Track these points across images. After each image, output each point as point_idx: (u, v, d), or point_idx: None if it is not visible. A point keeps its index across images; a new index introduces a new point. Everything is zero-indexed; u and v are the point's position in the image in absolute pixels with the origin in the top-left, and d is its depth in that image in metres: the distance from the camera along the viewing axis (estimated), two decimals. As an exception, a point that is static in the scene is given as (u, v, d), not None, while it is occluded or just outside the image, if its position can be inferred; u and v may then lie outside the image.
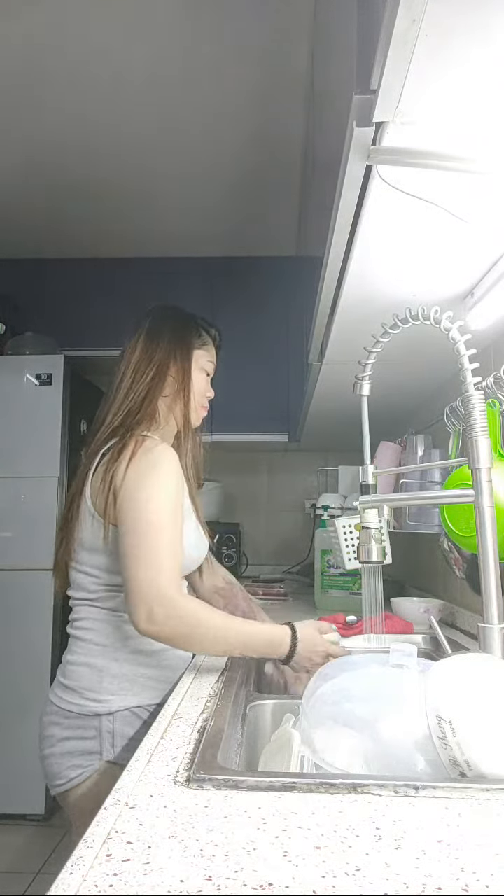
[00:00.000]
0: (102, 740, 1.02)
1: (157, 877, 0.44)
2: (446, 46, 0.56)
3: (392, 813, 0.55)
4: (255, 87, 1.94)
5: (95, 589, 1.09)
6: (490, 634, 0.81)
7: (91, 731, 1.03)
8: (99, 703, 1.04)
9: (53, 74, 1.89)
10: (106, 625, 1.08)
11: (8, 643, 2.52)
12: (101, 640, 1.07)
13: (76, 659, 1.08)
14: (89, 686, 1.05)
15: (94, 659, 1.07)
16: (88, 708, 1.04)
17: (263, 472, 3.33)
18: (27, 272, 3.06)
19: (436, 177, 0.76)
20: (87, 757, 1.02)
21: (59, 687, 1.08)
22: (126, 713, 1.04)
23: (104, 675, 1.05)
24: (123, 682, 1.06)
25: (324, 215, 1.06)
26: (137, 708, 1.05)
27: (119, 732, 1.03)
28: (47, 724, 1.07)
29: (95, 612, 1.09)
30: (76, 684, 1.06)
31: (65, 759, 1.03)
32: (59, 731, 1.04)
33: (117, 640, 1.07)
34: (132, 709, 1.05)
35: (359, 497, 1.06)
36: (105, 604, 1.08)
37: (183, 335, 1.21)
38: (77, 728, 1.03)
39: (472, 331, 0.93)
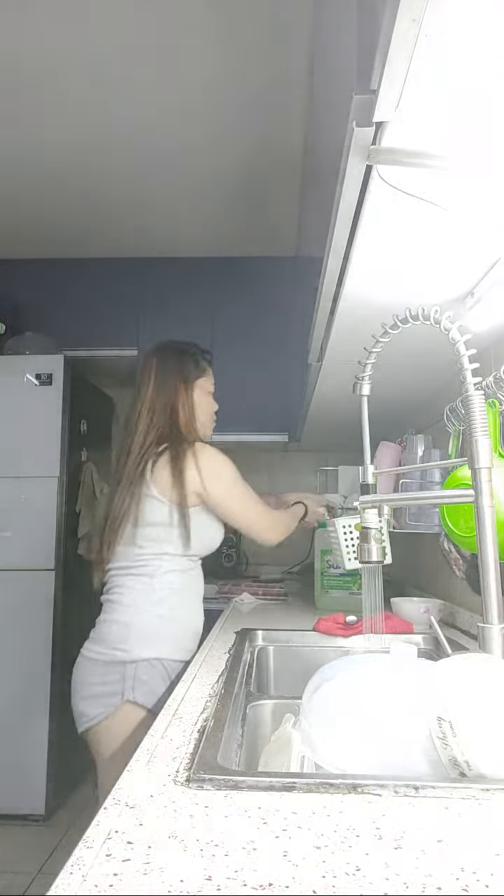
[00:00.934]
0: (125, 683, 1.25)
1: (157, 877, 0.44)
2: (446, 46, 0.56)
3: (392, 813, 0.55)
4: (256, 88, 1.94)
5: (138, 557, 1.36)
6: (490, 634, 0.81)
7: (115, 676, 1.26)
8: (124, 651, 1.27)
9: (55, 76, 1.89)
10: (135, 589, 1.34)
11: (8, 643, 2.52)
12: (130, 602, 1.33)
13: (107, 618, 1.34)
14: (117, 638, 1.29)
15: (124, 616, 1.31)
16: (114, 656, 1.28)
17: (263, 472, 3.33)
18: (27, 272, 3.06)
19: (436, 177, 0.76)
20: (110, 697, 1.25)
21: (90, 641, 1.34)
22: (145, 663, 1.27)
23: (131, 629, 1.30)
24: (146, 636, 1.29)
25: (324, 215, 1.06)
26: (155, 659, 1.28)
27: (139, 678, 1.26)
28: (78, 674, 1.32)
29: (129, 579, 1.35)
30: (106, 637, 1.31)
31: (91, 701, 1.27)
32: (86, 677, 1.29)
33: (145, 601, 1.33)
34: (150, 660, 1.28)
35: (359, 497, 1.06)
36: (140, 570, 1.35)
37: (185, 374, 1.49)
38: (102, 674, 1.27)
39: (471, 331, 0.93)
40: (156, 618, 1.32)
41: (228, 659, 1.19)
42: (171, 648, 1.31)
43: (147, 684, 1.26)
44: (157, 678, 1.27)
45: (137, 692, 1.25)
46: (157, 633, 1.31)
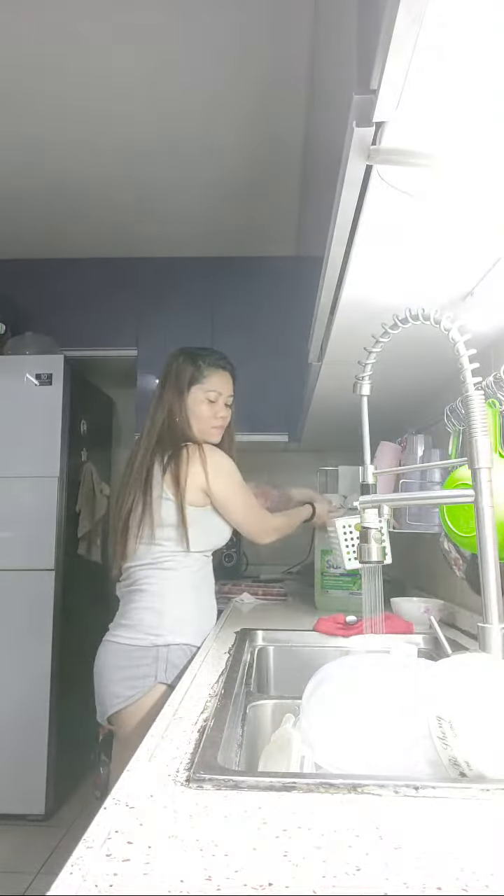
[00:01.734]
0: (158, 665, 1.35)
1: (157, 877, 0.44)
2: (447, 46, 0.56)
3: (392, 813, 0.55)
4: (255, 88, 1.94)
5: (160, 555, 1.45)
6: (490, 634, 0.81)
7: (148, 660, 1.36)
8: (158, 636, 1.37)
9: (55, 76, 1.89)
10: (166, 580, 1.44)
11: (8, 643, 2.52)
12: (160, 591, 1.43)
13: (139, 605, 1.43)
14: (151, 624, 1.39)
15: (155, 604, 1.41)
16: (148, 641, 1.37)
17: (263, 472, 3.33)
18: (27, 272, 3.06)
19: (436, 177, 0.76)
20: (143, 679, 1.34)
21: (120, 629, 1.42)
22: (177, 647, 1.37)
23: (164, 616, 1.40)
24: (178, 623, 1.40)
25: (324, 215, 1.06)
26: (185, 645, 1.38)
27: (172, 661, 1.35)
28: (106, 660, 1.40)
29: (158, 572, 1.44)
30: (139, 624, 1.40)
31: (123, 683, 1.35)
32: (118, 661, 1.38)
33: (175, 591, 1.44)
34: (181, 645, 1.38)
35: (359, 497, 1.06)
36: (165, 565, 1.45)
37: (178, 383, 1.55)
38: (135, 658, 1.36)
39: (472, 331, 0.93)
40: (184, 606, 1.43)
41: (228, 659, 1.19)
42: (196, 635, 1.42)
43: (177, 667, 1.35)
44: (185, 662, 1.35)
45: (169, 674, 1.34)
46: (186, 620, 1.41)
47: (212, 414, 1.56)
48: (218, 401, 1.56)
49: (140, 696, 1.34)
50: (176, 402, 1.53)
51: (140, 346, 2.97)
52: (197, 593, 1.48)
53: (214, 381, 1.57)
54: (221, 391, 1.57)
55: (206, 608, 1.52)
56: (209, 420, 1.56)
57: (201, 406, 1.55)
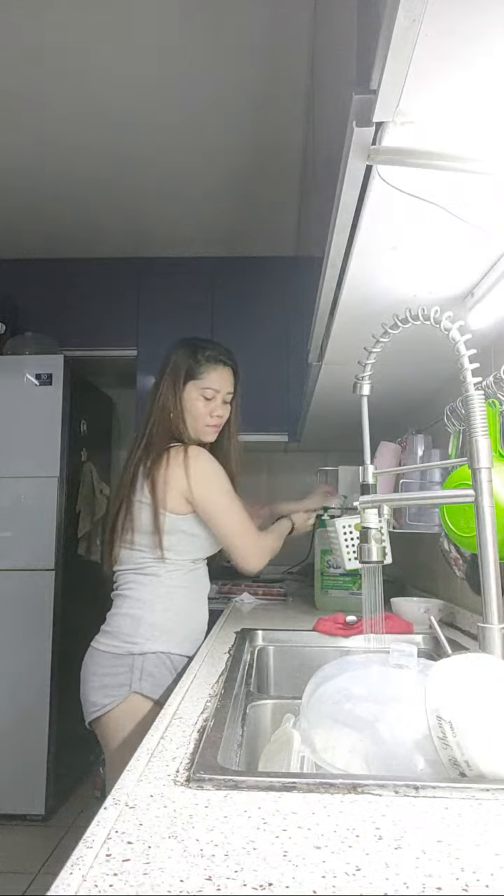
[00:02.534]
0: (133, 675, 1.30)
1: (157, 877, 0.44)
2: (446, 46, 0.56)
3: (392, 813, 0.55)
4: (255, 88, 1.94)
5: (141, 560, 1.39)
6: (490, 634, 0.81)
7: (124, 668, 1.31)
8: (133, 644, 1.32)
9: (56, 77, 1.89)
10: (146, 587, 1.38)
11: (8, 643, 2.52)
12: (141, 597, 1.37)
13: (119, 611, 1.38)
14: (128, 631, 1.34)
15: (133, 610, 1.36)
16: (124, 649, 1.32)
17: (263, 472, 3.33)
18: (27, 272, 3.06)
19: (436, 177, 0.76)
20: (118, 688, 1.30)
21: (101, 634, 1.38)
22: (153, 656, 1.32)
23: (141, 623, 1.34)
24: (155, 630, 1.34)
25: (324, 215, 1.06)
26: (163, 654, 1.33)
27: (147, 670, 1.30)
28: (88, 665, 1.36)
29: (140, 577, 1.39)
30: (116, 630, 1.35)
31: (100, 690, 1.31)
32: (96, 668, 1.33)
33: (155, 598, 1.37)
34: (159, 653, 1.32)
35: (359, 497, 1.06)
36: (147, 570, 1.39)
37: (175, 373, 1.47)
38: (112, 666, 1.32)
39: (472, 331, 0.93)
40: (164, 613, 1.36)
41: (228, 659, 1.19)
42: (177, 643, 1.36)
43: (154, 676, 1.30)
44: (163, 671, 1.31)
45: (144, 683, 1.29)
46: (164, 628, 1.35)
47: (207, 412, 1.47)
48: (215, 398, 1.48)
49: (115, 705, 1.29)
50: (171, 396, 1.46)
51: (140, 346, 2.97)
52: (181, 600, 1.40)
53: (212, 378, 1.48)
54: (219, 388, 1.48)
55: (193, 614, 1.44)
56: (203, 418, 1.47)
57: (196, 403, 1.47)
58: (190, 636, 1.40)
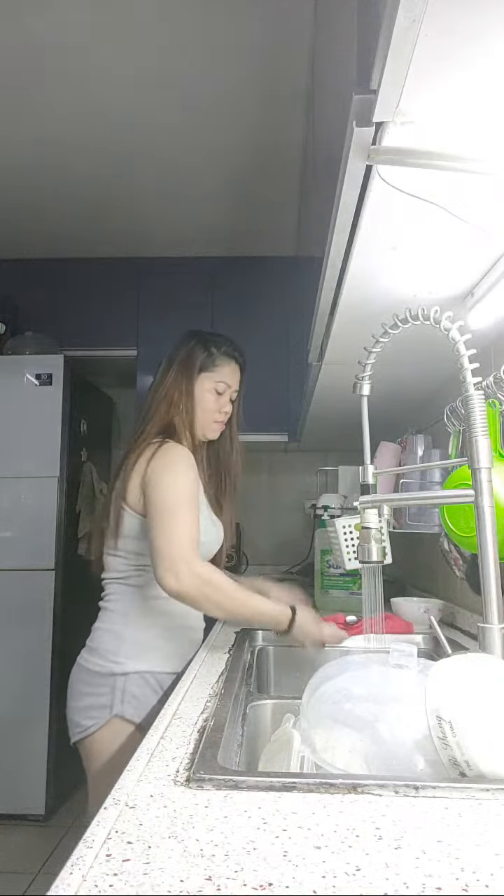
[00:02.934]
0: (115, 696, 1.20)
1: (157, 877, 0.44)
2: (446, 46, 0.56)
3: (392, 813, 0.55)
4: (255, 87, 1.94)
5: (124, 569, 1.29)
6: (490, 634, 0.81)
7: (106, 688, 1.21)
8: (115, 663, 1.22)
9: (56, 76, 1.89)
10: (130, 599, 1.27)
11: (8, 643, 2.52)
12: (124, 611, 1.27)
13: (102, 626, 1.28)
14: (110, 648, 1.24)
15: (116, 626, 1.26)
16: (106, 668, 1.22)
17: (263, 472, 3.33)
18: (27, 272, 3.06)
19: (436, 177, 0.76)
20: (100, 710, 1.20)
21: (85, 650, 1.28)
22: (136, 676, 1.21)
23: (123, 640, 1.24)
24: (138, 649, 1.23)
25: (324, 215, 1.06)
26: (147, 673, 1.22)
27: (129, 692, 1.20)
28: (73, 681, 1.27)
29: (122, 587, 1.29)
30: (99, 646, 1.25)
31: (83, 711, 1.22)
32: (81, 686, 1.24)
33: (138, 612, 1.26)
34: (143, 673, 1.22)
35: (359, 497, 1.06)
36: (132, 581, 1.28)
37: (187, 362, 1.39)
38: (95, 685, 1.22)
39: (472, 331, 0.93)
40: (147, 630, 1.26)
41: (228, 659, 1.19)
42: (162, 661, 1.25)
43: (137, 699, 1.20)
44: (147, 692, 1.21)
45: (126, 706, 1.19)
46: (147, 646, 1.25)
47: (217, 407, 1.40)
48: (225, 393, 1.41)
49: (96, 728, 1.20)
50: (181, 386, 1.36)
51: (140, 346, 2.97)
52: (166, 614, 1.27)
53: (225, 372, 1.41)
54: (230, 384, 1.42)
55: (180, 629, 1.30)
56: (212, 413, 1.40)
57: (208, 396, 1.38)
58: (177, 651, 1.28)
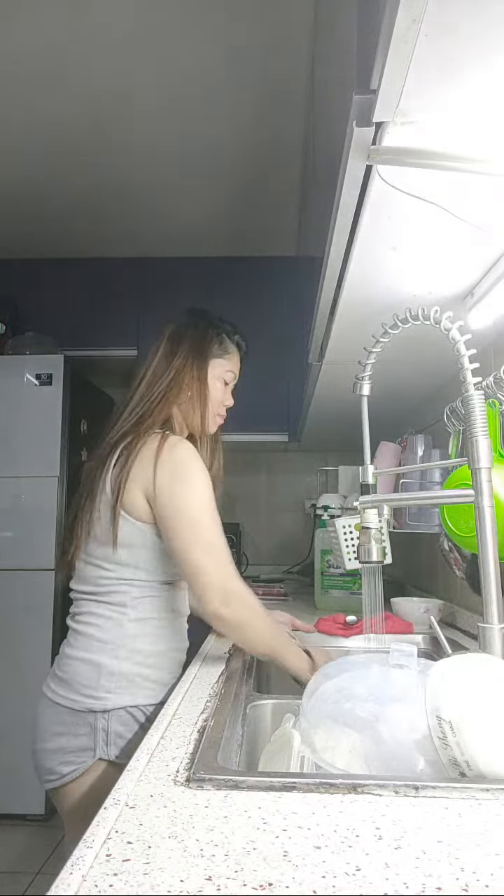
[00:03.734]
0: (97, 738, 1.02)
1: (157, 877, 0.44)
2: (446, 46, 0.56)
3: (392, 813, 0.55)
4: (255, 87, 1.94)
5: (103, 582, 1.09)
6: (490, 634, 0.81)
7: (85, 728, 1.02)
8: (95, 699, 1.03)
9: (55, 77, 1.89)
10: (109, 621, 1.08)
11: (8, 643, 2.52)
12: (103, 636, 1.07)
13: (74, 653, 1.08)
14: (86, 682, 1.04)
15: (93, 655, 1.06)
16: (84, 704, 1.03)
17: (263, 472, 3.33)
18: (27, 272, 3.06)
19: (436, 177, 0.76)
20: (79, 754, 1.02)
21: (54, 680, 1.08)
22: (121, 712, 1.03)
23: (102, 671, 1.04)
24: (121, 681, 1.05)
25: (324, 215, 1.06)
26: (133, 708, 1.04)
27: (114, 731, 1.02)
28: (41, 717, 1.07)
29: (101, 607, 1.09)
30: (72, 679, 1.05)
31: (57, 755, 1.03)
32: (52, 725, 1.04)
33: (119, 637, 1.07)
34: (128, 708, 1.04)
35: (359, 497, 1.06)
36: (111, 598, 1.08)
37: (201, 343, 1.23)
38: (70, 724, 1.03)
39: (472, 331, 0.93)
40: (130, 658, 1.06)
41: (228, 659, 1.19)
42: (149, 693, 1.07)
43: (123, 738, 1.02)
44: (134, 727, 1.04)
45: (112, 748, 1.01)
46: (132, 677, 1.06)
47: (222, 398, 1.26)
48: (230, 384, 1.27)
49: (77, 776, 1.02)
50: (193, 371, 1.19)
51: (140, 346, 2.97)
52: (152, 637, 1.09)
53: (234, 361, 1.28)
54: (237, 375, 1.29)
55: (169, 652, 1.12)
56: (218, 404, 1.25)
57: (217, 384, 1.23)
58: (165, 680, 1.10)
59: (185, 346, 1.22)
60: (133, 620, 1.07)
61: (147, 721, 1.04)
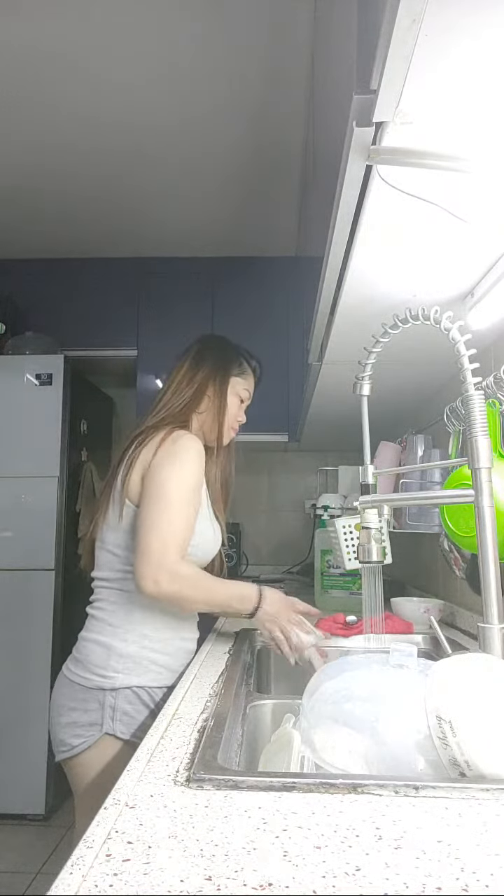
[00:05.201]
0: (104, 714, 1.11)
1: (157, 877, 0.44)
2: (446, 46, 0.56)
3: (392, 813, 0.55)
4: (255, 87, 1.94)
5: (118, 568, 1.18)
6: (490, 634, 0.81)
7: (94, 704, 1.12)
8: (104, 678, 1.13)
9: (55, 77, 1.89)
10: (119, 606, 1.17)
11: (8, 643, 2.52)
12: (113, 621, 1.17)
13: (89, 636, 1.19)
14: (97, 662, 1.14)
15: (104, 637, 1.16)
16: (94, 682, 1.13)
17: (263, 472, 3.33)
18: (27, 272, 3.06)
19: (436, 177, 0.76)
20: (88, 728, 1.12)
21: (71, 660, 1.20)
22: (128, 691, 1.12)
23: (112, 653, 1.14)
24: (129, 662, 1.14)
25: (324, 215, 1.06)
26: (139, 688, 1.13)
27: (120, 708, 1.12)
28: (57, 694, 1.18)
29: (114, 594, 1.18)
30: (86, 659, 1.16)
31: (69, 729, 1.13)
32: (66, 701, 1.15)
33: (128, 622, 1.16)
34: (134, 688, 1.13)
35: (359, 497, 1.06)
36: (121, 585, 1.18)
37: (224, 362, 1.35)
38: (82, 700, 1.13)
39: (472, 331, 0.93)
40: (138, 642, 1.15)
41: (228, 659, 1.19)
42: (156, 675, 1.15)
43: (129, 715, 1.11)
44: (140, 707, 1.13)
45: (118, 724, 1.11)
46: (140, 660, 1.15)
47: (237, 413, 1.37)
48: (245, 403, 1.39)
49: (85, 747, 1.11)
50: (216, 383, 1.31)
51: (140, 346, 2.97)
52: (160, 624, 1.17)
53: (250, 381, 1.39)
54: (251, 395, 1.40)
55: (175, 638, 1.20)
56: (233, 419, 1.35)
57: (234, 400, 1.34)
58: (171, 665, 1.18)
59: (209, 362, 1.33)
60: (140, 607, 1.16)
61: (153, 703, 1.13)
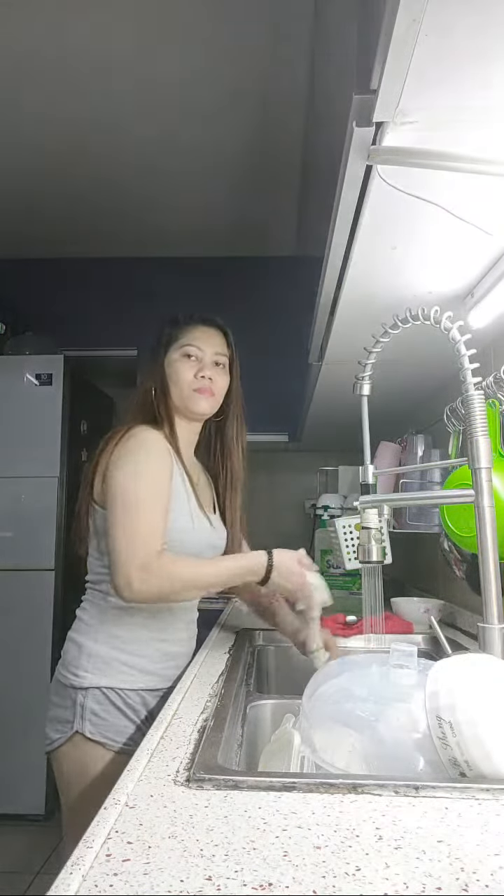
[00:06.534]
0: (76, 711, 1.10)
1: (157, 877, 0.44)
2: (446, 46, 0.56)
3: (392, 813, 0.55)
4: (256, 87, 1.94)
5: (97, 570, 1.17)
6: (490, 634, 0.81)
7: (69, 701, 1.11)
8: (76, 677, 1.11)
9: (55, 77, 1.89)
10: (94, 606, 1.17)
11: (8, 643, 2.52)
12: (88, 620, 1.17)
13: (70, 634, 1.19)
14: (71, 660, 1.14)
15: (79, 636, 1.16)
16: (69, 680, 1.12)
17: (263, 472, 3.33)
18: (27, 272, 3.06)
19: (436, 177, 0.76)
20: (63, 724, 1.11)
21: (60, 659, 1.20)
22: (97, 692, 1.10)
23: (83, 651, 1.13)
24: (98, 662, 1.12)
25: (324, 215, 1.06)
26: (108, 689, 1.10)
27: (89, 708, 1.09)
28: (50, 691, 1.19)
29: (94, 594, 1.18)
30: (64, 656, 1.16)
31: (51, 723, 1.14)
32: (52, 696, 1.16)
33: (100, 622, 1.15)
34: (103, 689, 1.10)
35: (359, 497, 1.06)
36: (99, 586, 1.17)
37: (157, 345, 1.29)
38: (61, 696, 1.13)
39: (472, 330, 0.93)
40: (108, 641, 1.13)
41: (228, 659, 1.19)
42: (126, 678, 1.11)
43: (98, 716, 1.08)
44: (111, 710, 1.09)
45: (87, 723, 1.08)
46: (109, 660, 1.11)
47: (192, 374, 1.20)
48: (200, 358, 1.22)
49: (60, 743, 1.10)
50: (153, 368, 1.25)
51: (140, 346, 2.97)
52: (133, 625, 1.13)
53: (195, 335, 1.24)
54: (203, 347, 1.22)
55: (154, 644, 1.15)
56: (189, 382, 1.20)
57: (179, 365, 1.21)
58: (147, 668, 1.13)
59: (149, 355, 1.31)
60: (115, 607, 1.13)
61: (126, 705, 1.10)
